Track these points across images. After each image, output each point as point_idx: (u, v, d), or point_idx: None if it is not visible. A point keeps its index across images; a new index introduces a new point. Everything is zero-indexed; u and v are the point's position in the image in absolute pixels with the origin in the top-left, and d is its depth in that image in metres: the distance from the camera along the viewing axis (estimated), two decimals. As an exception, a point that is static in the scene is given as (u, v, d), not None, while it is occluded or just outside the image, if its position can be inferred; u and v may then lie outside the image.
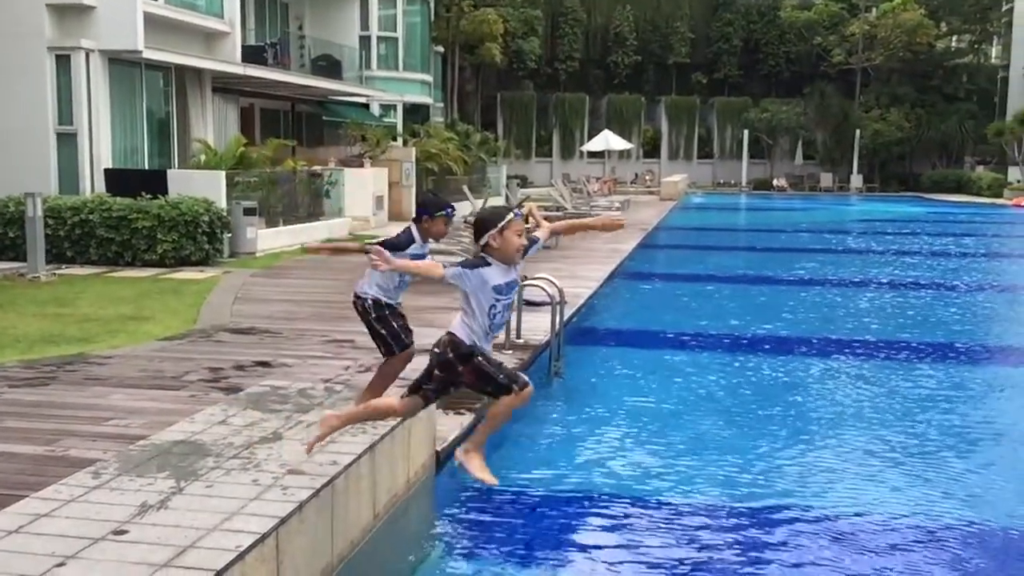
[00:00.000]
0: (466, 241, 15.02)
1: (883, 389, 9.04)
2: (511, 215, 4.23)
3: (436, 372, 4.40)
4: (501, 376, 4.23)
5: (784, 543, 5.27)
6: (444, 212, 5.29)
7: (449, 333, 4.33)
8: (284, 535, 3.91)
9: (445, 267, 4.18)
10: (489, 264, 4.18)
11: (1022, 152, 47.90)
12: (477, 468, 4.39)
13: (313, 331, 9.81)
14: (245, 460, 4.64)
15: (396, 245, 5.08)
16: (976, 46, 57.14)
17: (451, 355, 4.28)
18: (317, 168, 21.68)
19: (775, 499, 5.87)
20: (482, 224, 4.25)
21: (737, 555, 4.99)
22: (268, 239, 17.66)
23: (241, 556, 3.58)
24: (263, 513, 3.96)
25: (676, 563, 4.83)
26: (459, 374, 4.29)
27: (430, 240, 5.34)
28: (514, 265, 4.26)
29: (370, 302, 5.37)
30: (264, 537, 3.75)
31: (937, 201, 45.60)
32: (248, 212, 16.68)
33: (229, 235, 16.28)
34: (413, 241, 5.24)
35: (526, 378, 4.26)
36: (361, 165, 24.24)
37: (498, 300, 4.21)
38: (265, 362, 8.24)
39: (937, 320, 13.44)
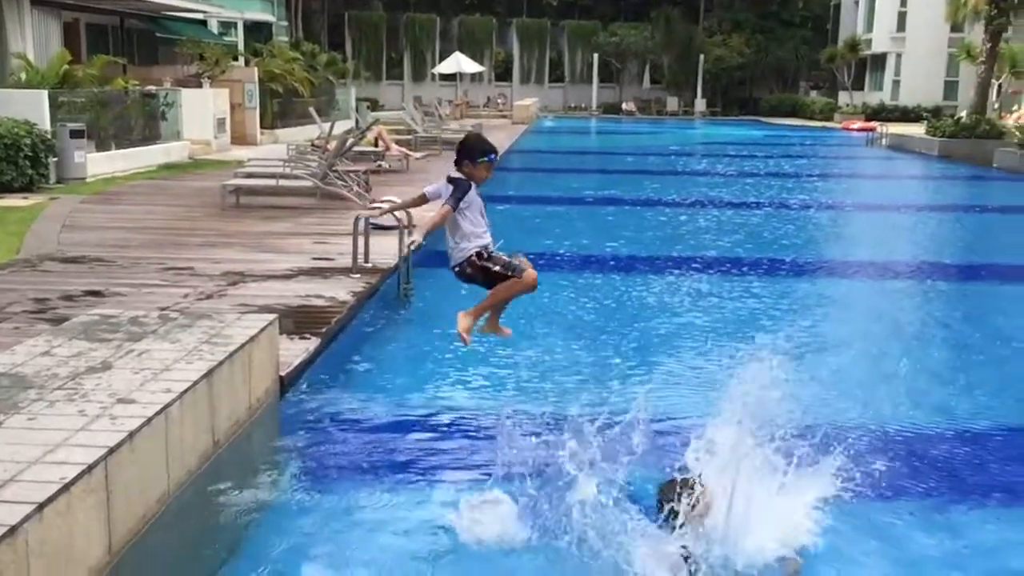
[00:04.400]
0: (313, 165, 14.62)
1: (720, 302, 9.47)
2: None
3: None
4: None
5: (635, 450, 5.43)
6: (487, 158, 5.09)
7: None
8: (113, 465, 3.77)
9: None
10: None
11: (851, 77, 50.42)
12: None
13: (149, 259, 9.38)
14: (71, 391, 4.42)
15: (462, 188, 4.97)
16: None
17: None
18: (151, 88, 20.50)
19: (622, 407, 6.04)
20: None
21: (586, 464, 5.14)
22: (99, 163, 16.67)
23: (66, 487, 3.43)
24: (90, 444, 3.80)
25: (526, 476, 4.93)
26: None
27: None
28: None
29: (473, 256, 5.10)
30: (91, 467, 3.61)
31: (774, 125, 47.56)
32: (75, 135, 15.67)
33: (55, 159, 15.28)
34: (468, 186, 5.05)
35: None
36: (199, 85, 23.11)
37: None
38: (96, 291, 7.84)
39: (772, 237, 14.13)
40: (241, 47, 31.47)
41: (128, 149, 18.16)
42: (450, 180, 5.09)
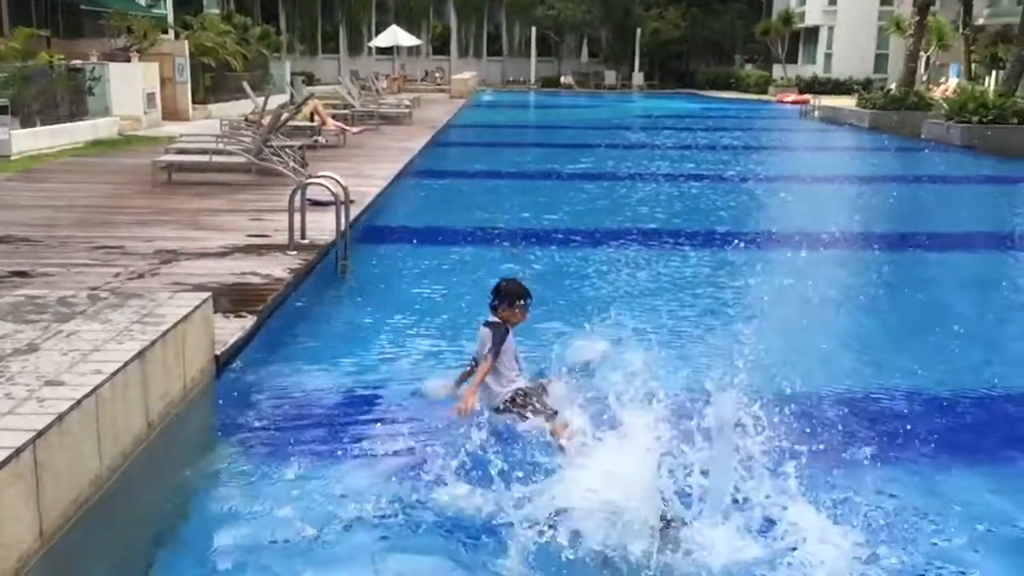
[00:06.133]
0: (247, 141, 14.36)
1: (657, 273, 9.57)
2: None
3: None
4: None
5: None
6: (523, 303, 5.30)
7: None
8: (42, 448, 3.68)
9: None
10: None
11: (785, 50, 51.12)
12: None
13: (78, 238, 9.15)
14: (-4, 374, 4.30)
15: (500, 335, 5.16)
16: (746, -53, 59.65)
17: None
18: (77, 62, 19.89)
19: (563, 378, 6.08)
20: None
21: (527, 437, 5.17)
22: (24, 140, 16.18)
23: (-8, 473, 3.35)
24: (17, 427, 3.70)
25: (462, 450, 4.95)
26: None
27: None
28: None
29: (507, 400, 5.12)
30: (19, 451, 3.52)
31: (710, 98, 48.03)
32: (-2, 111, 15.18)
33: (-24, 137, 14.78)
34: (506, 331, 5.19)
35: None
36: (128, 59, 22.49)
37: None
38: (22, 272, 7.63)
39: (708, 208, 14.30)
40: (171, 19, 30.68)
41: (54, 125, 17.64)
42: (487, 324, 5.27)
